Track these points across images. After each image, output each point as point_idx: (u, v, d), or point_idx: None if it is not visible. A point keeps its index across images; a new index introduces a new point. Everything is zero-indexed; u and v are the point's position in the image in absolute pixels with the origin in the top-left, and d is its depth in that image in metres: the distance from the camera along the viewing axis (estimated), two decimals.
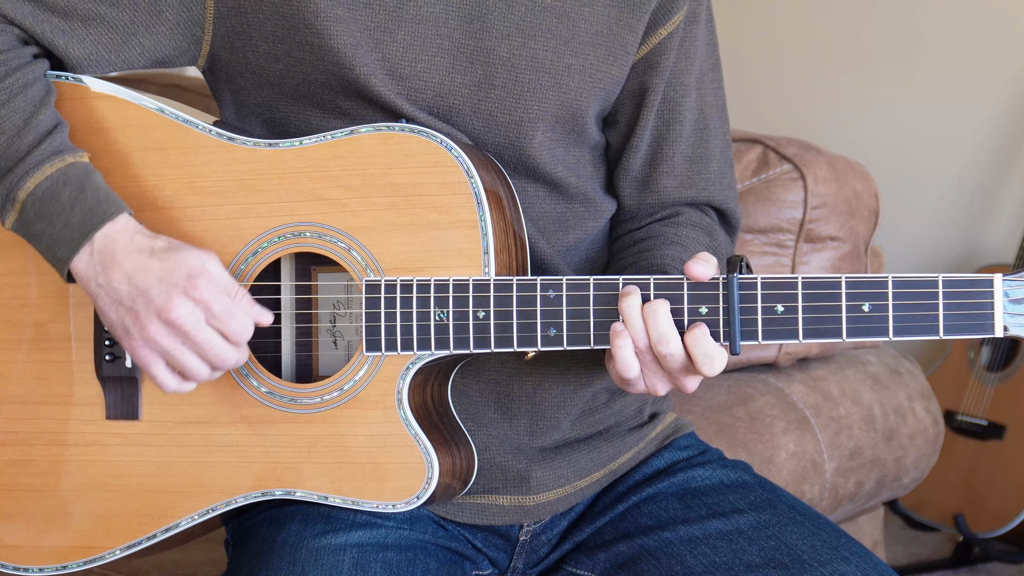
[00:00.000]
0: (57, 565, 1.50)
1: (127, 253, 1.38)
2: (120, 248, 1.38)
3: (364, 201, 1.40)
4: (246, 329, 1.39)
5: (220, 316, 1.37)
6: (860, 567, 1.43)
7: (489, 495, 1.52)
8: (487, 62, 1.45)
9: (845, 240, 2.27)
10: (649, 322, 1.32)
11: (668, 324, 1.32)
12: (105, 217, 1.39)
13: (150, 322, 1.37)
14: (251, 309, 1.39)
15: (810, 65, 3.92)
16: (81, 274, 1.40)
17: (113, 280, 1.38)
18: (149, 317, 1.37)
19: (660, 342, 1.32)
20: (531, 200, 1.50)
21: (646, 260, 1.49)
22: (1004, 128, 3.58)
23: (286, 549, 1.42)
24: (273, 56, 1.45)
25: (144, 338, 1.38)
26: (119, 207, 1.40)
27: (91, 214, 1.38)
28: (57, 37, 1.45)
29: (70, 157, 1.40)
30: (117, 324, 1.40)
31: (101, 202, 1.39)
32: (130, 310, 1.38)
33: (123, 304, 1.38)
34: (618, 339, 1.33)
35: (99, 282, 1.39)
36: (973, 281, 1.28)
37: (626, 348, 1.33)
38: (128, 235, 1.39)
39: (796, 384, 2.27)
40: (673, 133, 1.55)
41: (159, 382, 1.40)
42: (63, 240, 1.39)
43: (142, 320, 1.37)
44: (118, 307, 1.38)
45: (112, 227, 1.39)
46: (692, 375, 1.34)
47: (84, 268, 1.39)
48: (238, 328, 1.38)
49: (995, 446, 3.28)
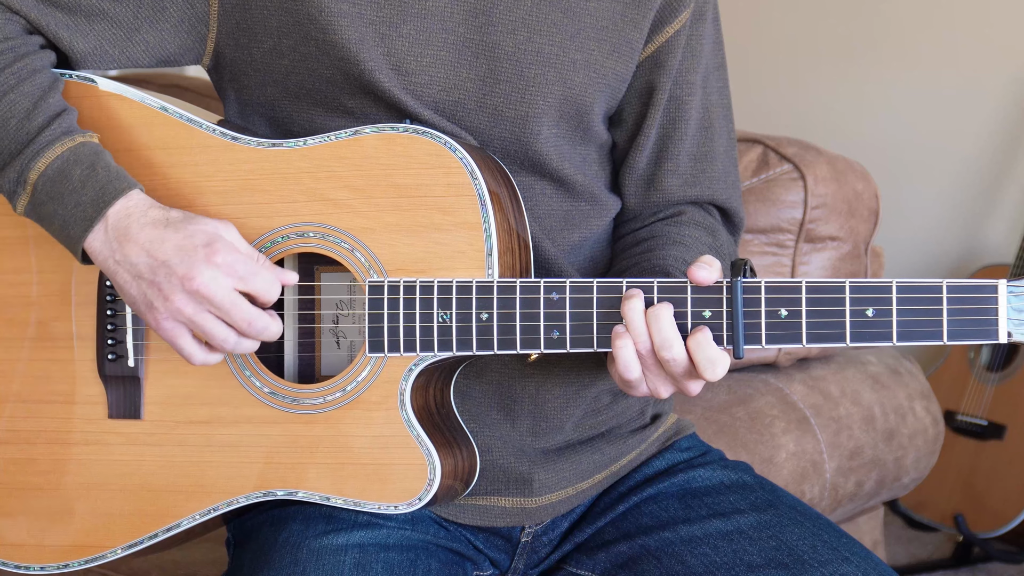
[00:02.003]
0: (58, 564, 1.50)
1: (142, 226, 1.37)
2: (134, 222, 1.37)
3: (368, 202, 1.40)
4: (272, 287, 1.37)
5: (245, 276, 1.36)
6: (860, 567, 1.43)
7: (491, 497, 1.52)
8: (492, 56, 1.45)
9: (845, 240, 2.27)
10: (652, 326, 1.32)
11: (671, 329, 1.32)
12: (117, 193, 1.38)
13: (173, 292, 1.35)
14: (273, 270, 1.38)
15: (810, 65, 3.92)
16: (97, 252, 1.38)
17: (131, 255, 1.37)
18: (172, 288, 1.35)
19: (663, 347, 1.32)
20: (537, 197, 1.50)
21: (648, 261, 1.49)
22: (1004, 128, 3.58)
23: (288, 549, 1.42)
24: (278, 52, 1.45)
25: (169, 310, 1.36)
26: (130, 183, 1.39)
27: (103, 191, 1.38)
28: (61, 31, 1.45)
29: (80, 137, 1.40)
30: (140, 299, 1.38)
31: (112, 179, 1.38)
32: (152, 283, 1.36)
33: (144, 278, 1.37)
34: (619, 340, 1.33)
35: (116, 259, 1.37)
36: (977, 287, 1.28)
37: (627, 349, 1.33)
38: (142, 209, 1.38)
39: (796, 384, 2.27)
40: (678, 131, 1.55)
41: (186, 354, 1.39)
42: (76, 219, 1.38)
43: (165, 291, 1.36)
44: (139, 281, 1.37)
45: (125, 202, 1.38)
46: (695, 379, 1.34)
47: (100, 246, 1.38)
48: (264, 285, 1.36)
49: (995, 446, 3.29)
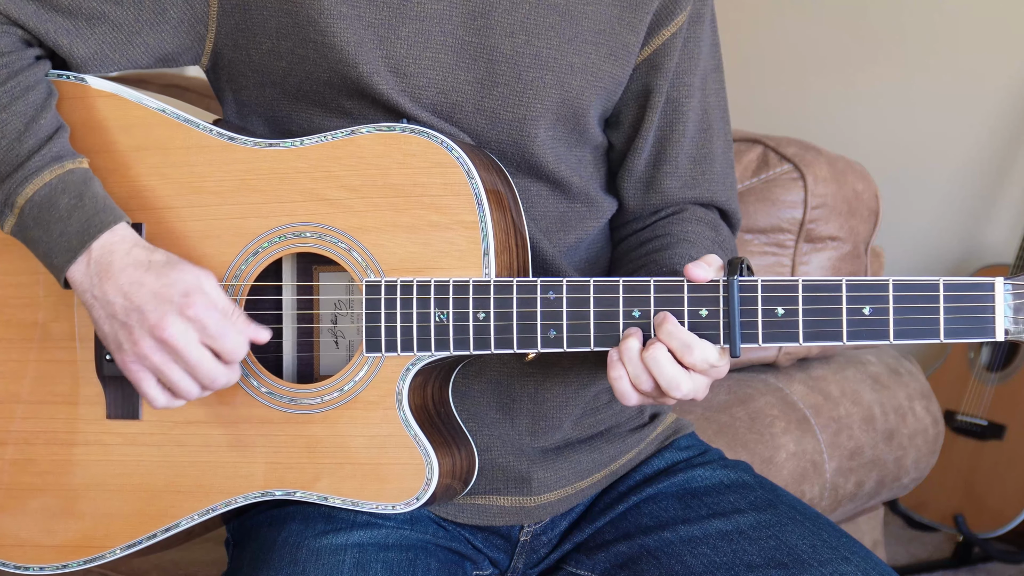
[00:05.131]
0: (58, 564, 1.50)
1: (123, 266, 1.37)
2: (117, 260, 1.38)
3: (365, 201, 1.40)
4: (239, 347, 1.38)
5: (214, 335, 1.37)
6: (860, 567, 1.42)
7: (490, 496, 1.52)
8: (490, 59, 1.45)
9: (845, 240, 2.27)
10: (653, 370, 1.32)
11: (672, 367, 1.32)
12: (102, 227, 1.38)
13: (142, 338, 1.37)
14: (246, 328, 1.39)
15: (810, 65, 3.92)
16: (77, 283, 1.39)
17: (108, 293, 1.37)
18: (142, 333, 1.37)
19: (671, 387, 1.31)
20: (533, 200, 1.50)
21: (656, 263, 1.49)
22: (1004, 128, 3.58)
23: (287, 549, 1.42)
24: (276, 53, 1.45)
25: (136, 354, 1.38)
26: (117, 216, 1.39)
27: (88, 223, 1.38)
28: (61, 37, 1.45)
29: (69, 163, 1.40)
30: (111, 337, 1.39)
31: (99, 211, 1.38)
32: (124, 325, 1.37)
33: (117, 318, 1.38)
34: (613, 371, 1.33)
35: (95, 294, 1.38)
36: (974, 284, 1.28)
37: (622, 381, 1.33)
38: (126, 247, 1.38)
39: (796, 384, 2.27)
40: (677, 133, 1.55)
41: (149, 398, 1.40)
42: (60, 249, 1.38)
43: (135, 336, 1.37)
44: (112, 321, 1.38)
45: (110, 237, 1.38)
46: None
47: (80, 278, 1.39)
48: (231, 346, 1.37)
49: (995, 446, 3.28)
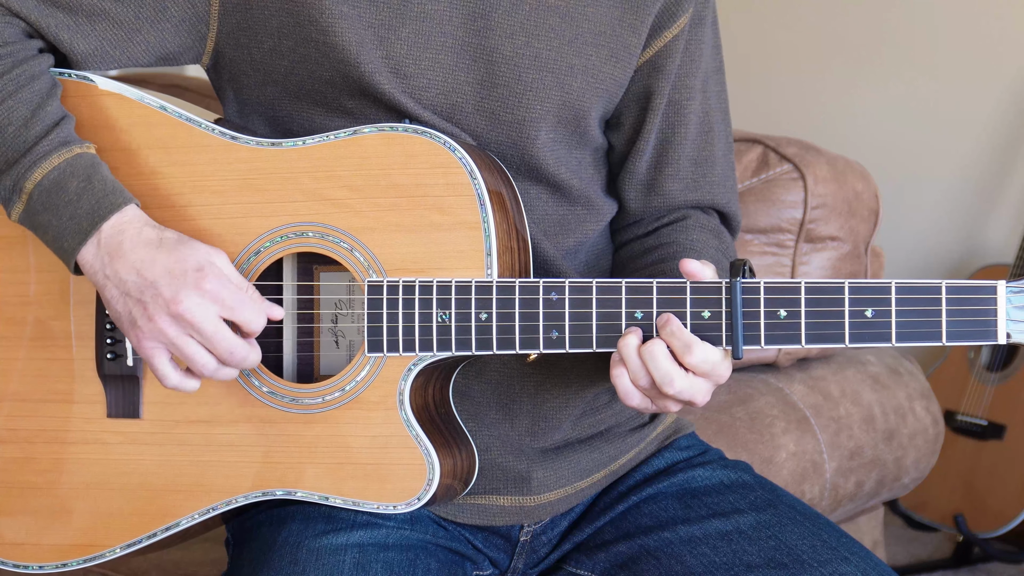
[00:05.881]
0: (57, 563, 1.50)
1: (134, 245, 1.37)
2: (128, 239, 1.38)
3: (367, 201, 1.40)
4: (258, 319, 1.38)
5: (232, 305, 1.36)
6: (860, 567, 1.43)
7: (490, 495, 1.52)
8: (490, 60, 1.45)
9: (845, 240, 2.27)
10: (649, 364, 1.32)
11: (668, 363, 1.32)
12: (112, 208, 1.38)
13: (158, 313, 1.36)
14: (262, 303, 1.39)
15: (810, 65, 3.92)
16: (88, 265, 1.39)
17: (120, 272, 1.37)
18: (157, 309, 1.36)
19: (664, 383, 1.32)
20: (533, 202, 1.50)
21: (662, 274, 1.49)
22: (1004, 128, 3.58)
23: (287, 549, 1.42)
24: (277, 53, 1.45)
25: (151, 330, 1.37)
26: (126, 198, 1.39)
27: (98, 205, 1.38)
28: (62, 32, 1.45)
29: (77, 148, 1.40)
30: (124, 315, 1.39)
31: (108, 193, 1.39)
32: (138, 301, 1.37)
33: (131, 295, 1.37)
34: (615, 369, 1.34)
35: (107, 273, 1.38)
36: (976, 288, 1.28)
37: (622, 379, 1.34)
38: (136, 227, 1.38)
39: (796, 384, 2.27)
40: (678, 136, 1.55)
41: (161, 375, 1.39)
42: (70, 231, 1.38)
43: (150, 311, 1.36)
44: (126, 298, 1.38)
45: (120, 218, 1.38)
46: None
47: (91, 259, 1.38)
48: (250, 316, 1.37)
49: (995, 446, 3.29)
